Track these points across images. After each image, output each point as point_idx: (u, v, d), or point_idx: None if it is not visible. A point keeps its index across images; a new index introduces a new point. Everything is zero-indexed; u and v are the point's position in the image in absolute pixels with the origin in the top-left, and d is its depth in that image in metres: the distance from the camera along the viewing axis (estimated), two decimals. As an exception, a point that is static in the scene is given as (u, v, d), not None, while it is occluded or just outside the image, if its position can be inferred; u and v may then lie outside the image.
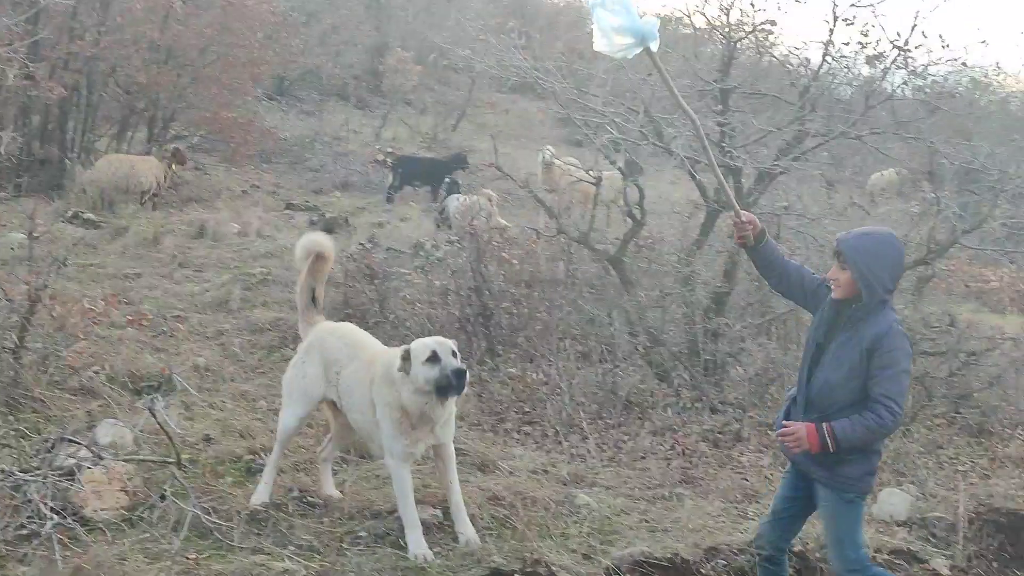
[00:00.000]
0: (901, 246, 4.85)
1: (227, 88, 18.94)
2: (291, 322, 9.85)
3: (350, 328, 6.62)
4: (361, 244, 12.34)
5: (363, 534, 5.88)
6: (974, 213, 8.95)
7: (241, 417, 7.55)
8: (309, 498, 6.34)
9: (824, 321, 4.76)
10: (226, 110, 18.96)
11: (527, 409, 8.47)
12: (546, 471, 7.20)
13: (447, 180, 18.30)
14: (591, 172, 9.11)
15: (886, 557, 6.21)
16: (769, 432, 8.24)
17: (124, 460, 6.15)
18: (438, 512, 6.18)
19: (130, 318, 9.44)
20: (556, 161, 17.71)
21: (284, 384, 6.47)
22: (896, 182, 20.96)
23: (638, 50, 4.87)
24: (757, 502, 6.97)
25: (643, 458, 7.67)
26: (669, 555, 5.72)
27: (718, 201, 8.70)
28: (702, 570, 5.68)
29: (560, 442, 7.89)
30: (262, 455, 6.79)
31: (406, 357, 5.59)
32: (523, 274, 9.75)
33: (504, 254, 9.89)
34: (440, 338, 5.78)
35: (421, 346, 5.62)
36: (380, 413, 5.75)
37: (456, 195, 16.41)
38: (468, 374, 5.66)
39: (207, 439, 7.07)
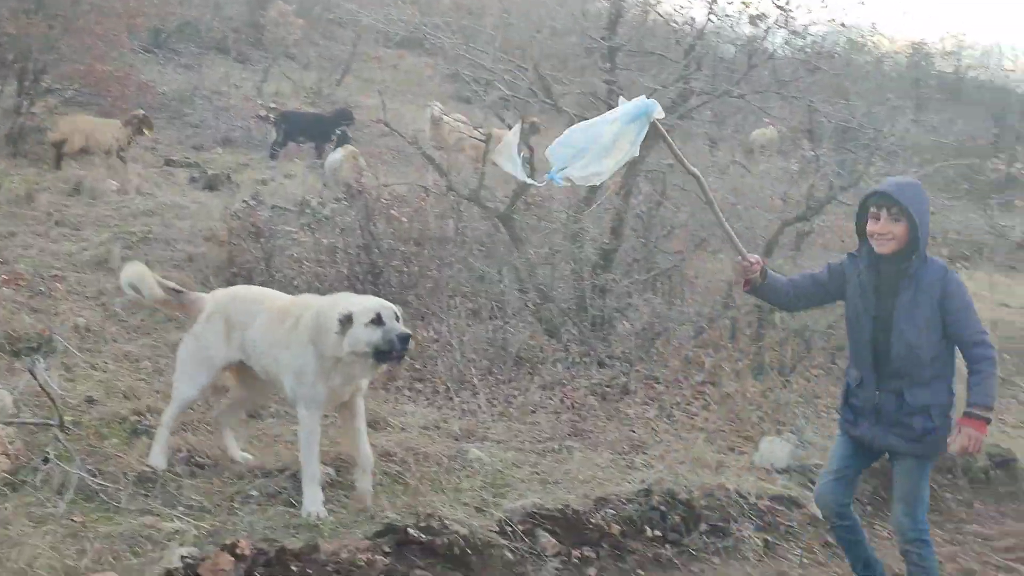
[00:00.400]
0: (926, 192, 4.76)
1: (102, 40, 18.21)
2: (176, 280, 9.68)
3: (247, 288, 6.54)
4: (245, 202, 12.15)
5: (254, 493, 5.84)
6: (851, 170, 9.23)
7: (125, 378, 7.40)
8: (197, 459, 6.26)
9: (869, 288, 4.61)
10: (101, 63, 18.24)
11: (418, 366, 8.49)
12: (438, 427, 7.26)
13: (337, 133, 18.03)
14: (480, 129, 9.08)
15: (767, 503, 6.45)
16: (654, 385, 8.46)
17: (4, 423, 5.98)
18: (331, 470, 6.18)
19: (5, 278, 9.14)
20: (444, 118, 17.61)
21: (182, 353, 6.24)
22: (776, 139, 21.45)
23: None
24: (644, 453, 7.16)
25: (533, 412, 7.79)
26: (560, 506, 5.81)
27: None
28: (592, 520, 5.78)
29: (451, 398, 7.94)
30: (147, 416, 6.67)
31: (346, 321, 5.42)
32: (412, 232, 9.71)
33: (393, 212, 9.83)
34: (380, 300, 5.68)
35: (363, 308, 5.46)
36: (301, 360, 5.63)
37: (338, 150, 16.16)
38: (407, 331, 5.52)
39: (90, 401, 6.90)
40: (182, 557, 4.67)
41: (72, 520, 5.19)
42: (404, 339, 5.39)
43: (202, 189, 15.13)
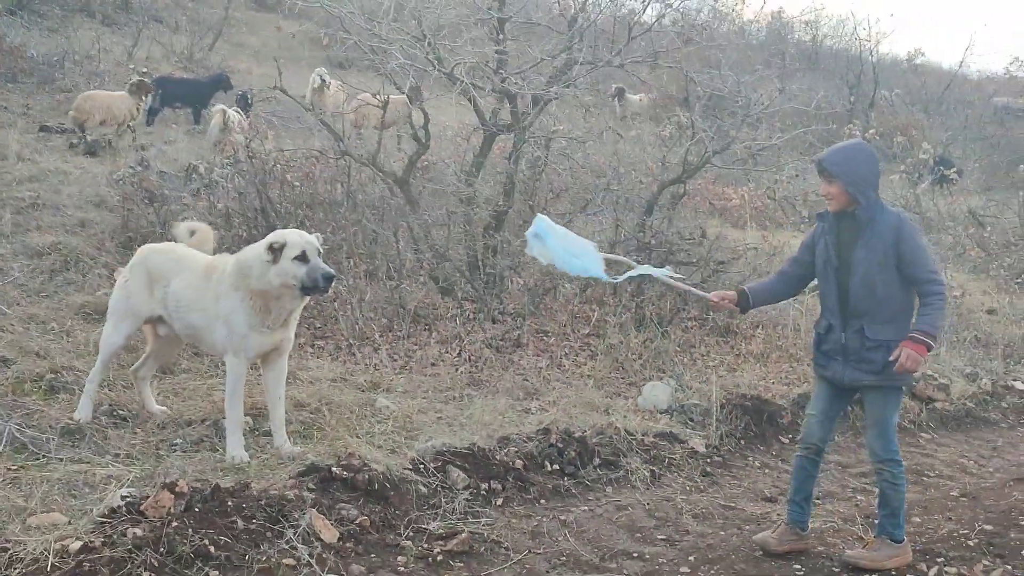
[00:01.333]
0: (871, 148, 5.34)
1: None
2: (71, 245, 9.80)
3: (172, 246, 6.69)
4: (132, 167, 12.20)
5: (178, 441, 6.20)
6: (721, 136, 9.89)
7: (35, 339, 7.58)
8: (119, 411, 6.56)
9: (831, 242, 5.22)
10: (-38, 25, 17.79)
11: (318, 324, 8.86)
12: (345, 380, 7.65)
13: (238, 95, 17.93)
14: (378, 96, 9.42)
15: (652, 439, 7.09)
16: (545, 337, 9.01)
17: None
18: (248, 419, 6.55)
19: None
20: (328, 84, 17.76)
21: (111, 303, 6.57)
22: (647, 105, 22.26)
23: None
24: (538, 399, 7.69)
25: (433, 365, 8.24)
26: (467, 445, 6.33)
27: (495, 124, 9.28)
28: (497, 457, 6.32)
29: (354, 354, 8.33)
30: (63, 373, 6.92)
31: (277, 248, 5.69)
32: (303, 196, 10.01)
33: (289, 176, 10.11)
34: (306, 235, 5.87)
35: (292, 242, 5.72)
36: (227, 308, 5.93)
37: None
38: (334, 280, 5.88)
39: (3, 361, 7.09)
40: (123, 497, 5.01)
41: (8, 468, 5.46)
42: (328, 278, 5.73)
43: (83, 155, 15.00)
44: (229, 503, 5.13)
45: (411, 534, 5.43)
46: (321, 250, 5.85)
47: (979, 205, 16.60)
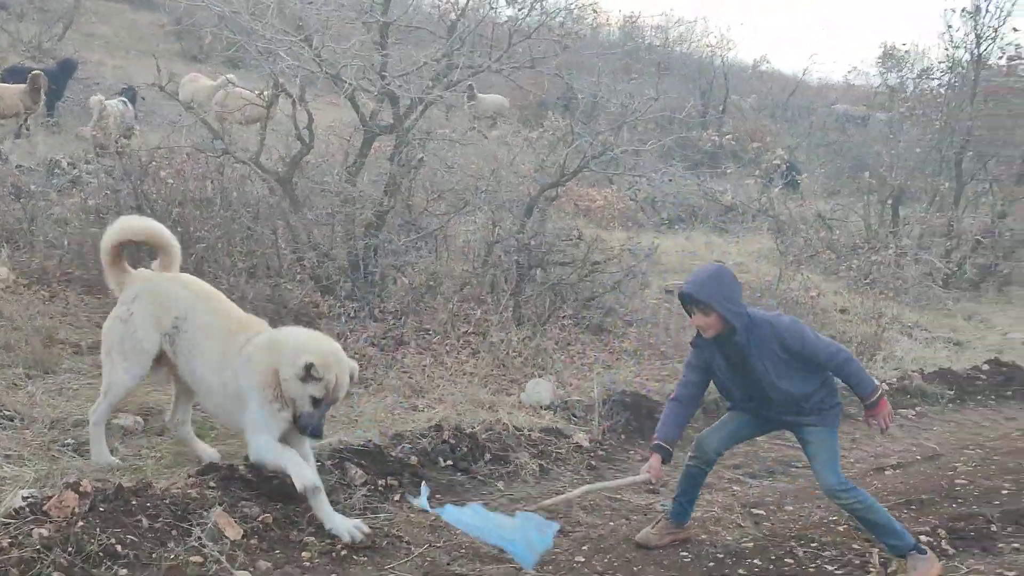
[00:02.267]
0: (727, 269, 5.50)
1: None
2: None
3: (191, 278, 6.24)
4: (-9, 161, 11.83)
5: (70, 441, 6.11)
6: (598, 141, 10.21)
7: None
8: (5, 412, 6.41)
9: (724, 366, 5.40)
10: None
11: (198, 324, 8.78)
12: (229, 379, 7.62)
13: (123, 87, 17.38)
14: (263, 95, 9.39)
15: (538, 434, 7.33)
16: (427, 335, 9.16)
17: None
18: (139, 419, 6.50)
19: None
20: (228, 88, 17.41)
21: (109, 339, 5.93)
22: (505, 105, 22.53)
23: None
24: (424, 396, 7.83)
25: (318, 364, 8.27)
26: (363, 442, 6.44)
27: (376, 125, 9.39)
28: (392, 453, 6.45)
29: (237, 352, 8.29)
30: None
31: (311, 377, 5.33)
32: (184, 194, 9.89)
33: (163, 173, 9.98)
34: (344, 378, 5.49)
35: (325, 382, 5.36)
36: (247, 388, 5.50)
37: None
38: (323, 432, 5.57)
39: None
40: (24, 497, 4.96)
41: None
42: (313, 435, 5.51)
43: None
44: (133, 502, 5.12)
45: (314, 530, 5.51)
46: (339, 398, 5.58)
47: (826, 209, 17.46)
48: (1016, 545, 6.22)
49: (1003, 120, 16.87)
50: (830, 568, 5.72)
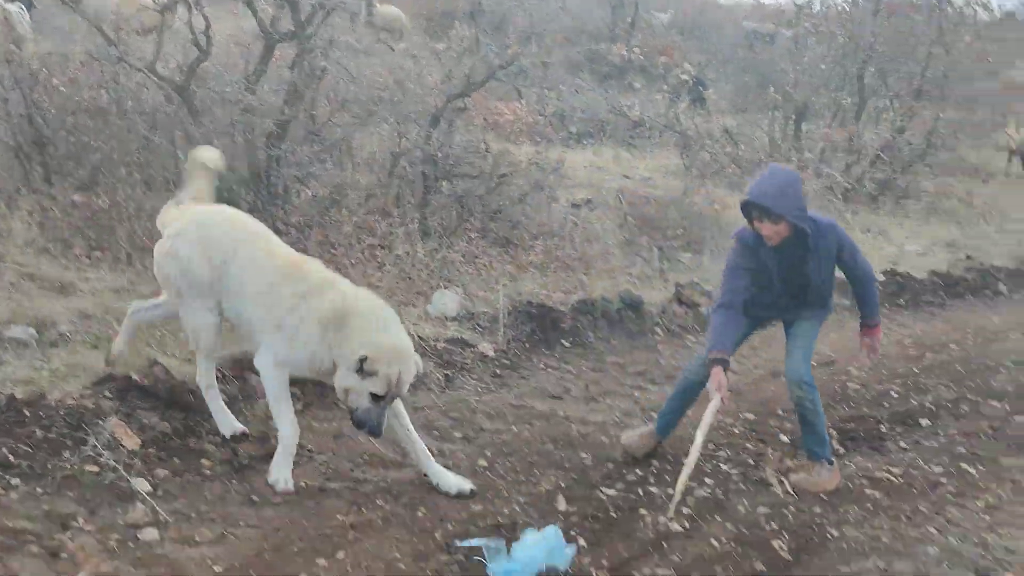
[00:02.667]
0: (794, 172, 5.49)
1: None
2: None
3: (235, 214, 5.74)
4: None
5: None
6: (505, 52, 10.09)
7: None
8: None
9: (774, 266, 5.39)
10: None
11: (93, 235, 8.54)
12: (129, 291, 7.47)
13: None
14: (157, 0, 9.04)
15: (444, 345, 7.35)
16: (332, 249, 9.05)
17: None
18: (33, 331, 6.35)
19: None
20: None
21: (170, 276, 5.44)
22: (401, 18, 21.94)
23: None
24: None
25: (220, 276, 8.13)
26: (265, 353, 6.37)
27: (276, 32, 9.15)
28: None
29: (134, 264, 8.11)
30: None
31: (367, 371, 4.81)
32: (78, 103, 9.54)
33: (55, 81, 9.60)
34: (408, 372, 4.92)
35: (382, 375, 4.81)
36: (290, 325, 5.07)
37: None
38: (378, 436, 5.00)
39: None
40: (-90, 410, 4.83)
41: None
42: (373, 433, 4.95)
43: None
44: (26, 413, 5.03)
45: (215, 440, 5.47)
46: (402, 394, 5.04)
47: (732, 125, 17.60)
48: (903, 444, 6.48)
49: (904, 36, 17.09)
50: (725, 468, 5.89)
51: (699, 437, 5.25)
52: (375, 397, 4.83)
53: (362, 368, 4.76)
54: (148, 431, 5.31)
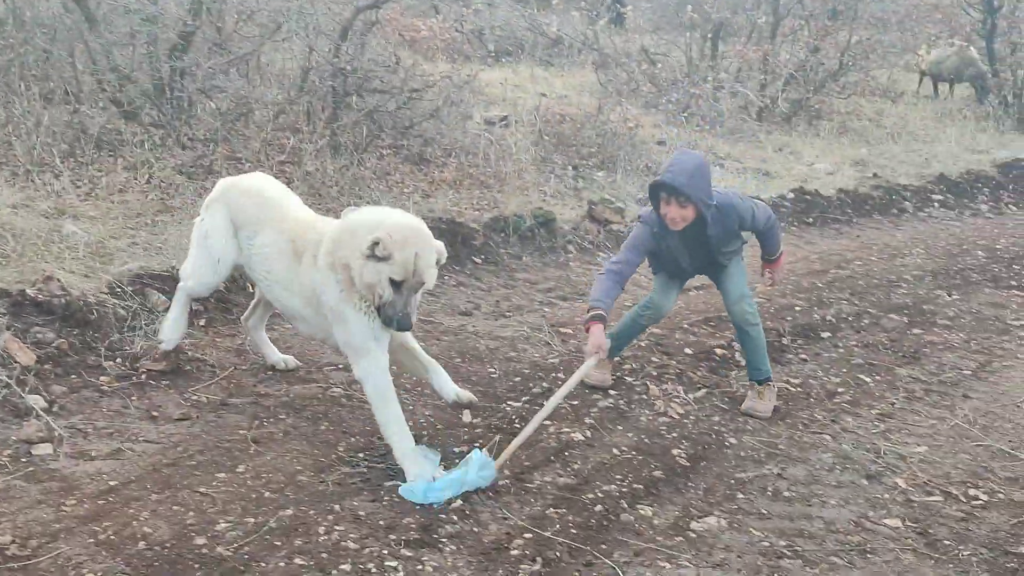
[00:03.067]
0: (702, 157, 5.46)
1: None
2: None
3: (259, 182, 5.32)
4: None
5: None
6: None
7: None
8: None
9: (679, 249, 5.48)
10: None
11: (-11, 150, 8.28)
12: (26, 206, 7.25)
13: None
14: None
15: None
16: (239, 164, 8.88)
17: None
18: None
19: None
20: None
21: (194, 234, 5.36)
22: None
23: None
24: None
25: (121, 191, 7.94)
26: (165, 268, 6.26)
27: None
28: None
29: (33, 180, 7.87)
30: None
31: (377, 257, 4.37)
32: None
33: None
34: (429, 254, 4.45)
35: (397, 260, 4.35)
36: (334, 302, 4.64)
37: None
38: (411, 321, 4.51)
39: None
40: None
41: None
42: (402, 325, 4.48)
43: None
44: (-87, 330, 4.88)
45: (113, 356, 5.38)
46: (431, 282, 4.56)
47: (651, 44, 17.56)
48: (803, 356, 6.63)
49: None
50: (629, 380, 5.97)
51: (550, 405, 4.87)
52: (395, 284, 4.39)
53: (375, 253, 4.34)
54: (44, 347, 5.20)
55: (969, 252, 10.16)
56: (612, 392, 5.74)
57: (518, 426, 5.14)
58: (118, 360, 5.35)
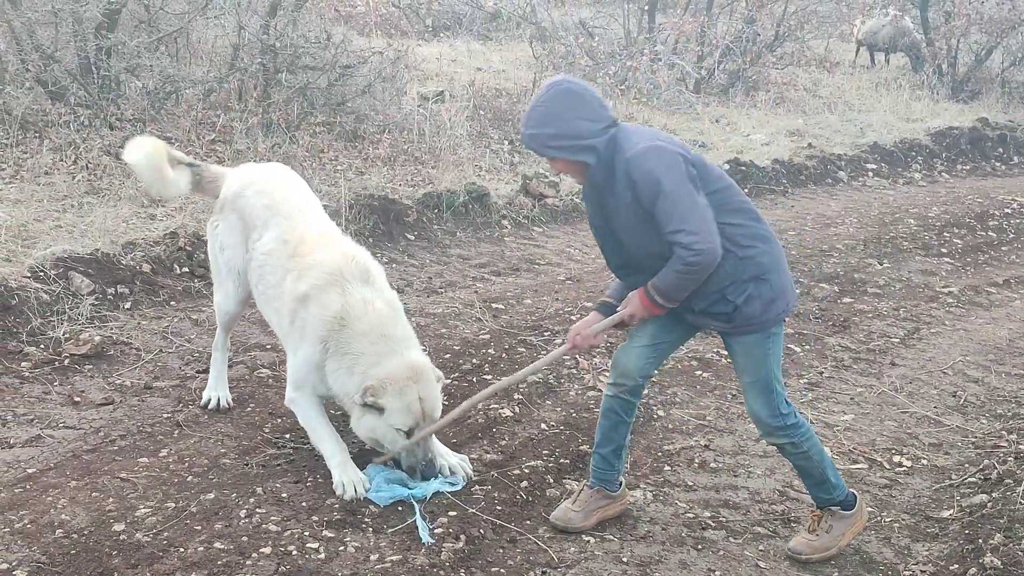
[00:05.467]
0: (568, 87, 3.69)
1: None
2: None
3: (273, 177, 4.81)
4: None
5: None
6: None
7: None
8: None
9: (594, 208, 3.84)
10: None
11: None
12: (-51, 191, 7.12)
13: None
14: None
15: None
16: (169, 144, 8.73)
17: None
18: None
19: None
20: None
21: (210, 254, 4.96)
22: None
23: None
24: (163, 206, 7.52)
25: (47, 174, 7.80)
26: (90, 251, 6.16)
27: None
28: (123, 262, 6.21)
29: (-48, 163, 7.73)
30: None
31: (374, 404, 4.03)
32: None
33: None
34: (430, 396, 4.13)
35: (396, 408, 4.03)
36: (295, 332, 4.29)
37: None
38: (432, 477, 4.19)
39: None
40: None
41: None
42: (427, 474, 4.15)
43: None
44: None
45: (36, 341, 5.30)
46: (436, 416, 4.17)
47: (589, 16, 17.52)
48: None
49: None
50: (560, 355, 5.98)
51: (509, 380, 4.33)
52: (405, 434, 4.08)
53: (365, 403, 4.02)
54: (-38, 334, 5.11)
55: (901, 220, 10.31)
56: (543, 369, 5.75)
57: (447, 402, 5.13)
58: (40, 346, 5.26)
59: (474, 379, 5.50)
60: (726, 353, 5.98)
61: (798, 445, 3.88)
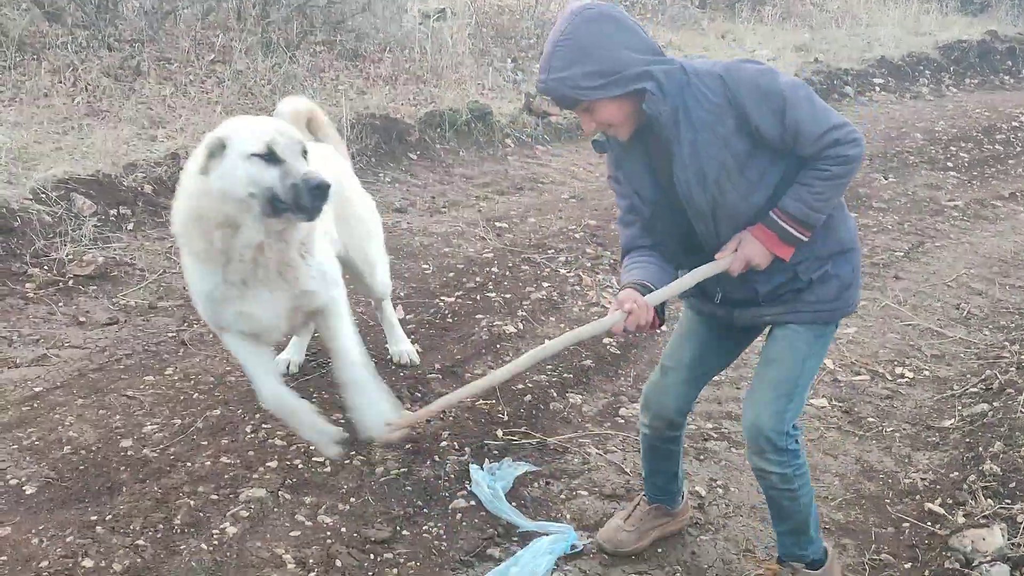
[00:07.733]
0: (605, 8, 2.71)
1: None
2: None
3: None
4: None
5: None
6: None
7: None
8: None
9: (645, 174, 2.93)
10: None
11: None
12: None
13: None
14: None
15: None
16: (168, 65, 8.67)
17: None
18: None
19: None
20: None
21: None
22: None
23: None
24: (164, 127, 7.47)
25: (46, 96, 7.74)
26: (92, 173, 6.14)
27: None
28: (124, 183, 6.19)
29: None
30: None
31: (215, 151, 3.19)
32: None
33: None
34: (278, 123, 3.31)
35: (247, 134, 3.19)
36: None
37: None
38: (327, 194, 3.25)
39: None
40: None
41: None
42: (318, 192, 3.19)
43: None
44: None
45: (39, 262, 5.30)
46: (307, 148, 3.31)
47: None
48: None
49: None
50: (563, 272, 5.98)
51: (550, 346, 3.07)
52: (266, 157, 3.18)
53: (217, 147, 3.19)
54: (-36, 255, 5.12)
55: (908, 135, 10.22)
56: (545, 284, 5.75)
57: (451, 320, 5.16)
58: (44, 267, 5.27)
59: (477, 296, 5.51)
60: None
61: (789, 479, 3.02)
